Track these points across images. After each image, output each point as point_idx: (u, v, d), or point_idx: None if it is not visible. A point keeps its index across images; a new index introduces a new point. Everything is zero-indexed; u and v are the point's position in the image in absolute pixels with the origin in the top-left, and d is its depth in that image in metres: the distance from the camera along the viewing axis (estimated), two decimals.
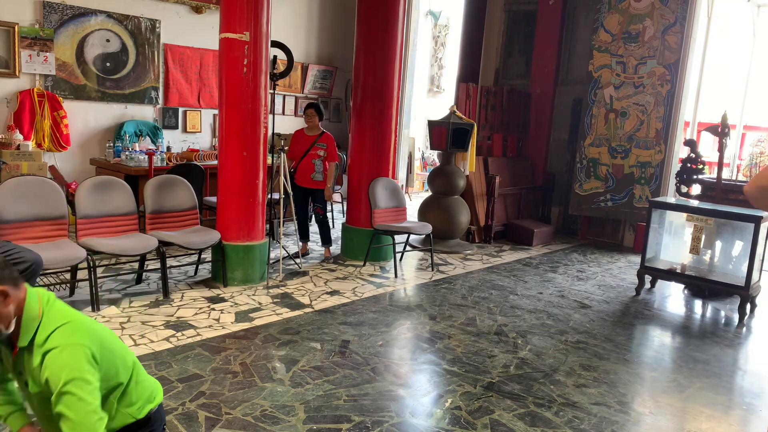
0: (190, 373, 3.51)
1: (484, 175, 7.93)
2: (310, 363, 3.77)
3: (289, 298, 5.00)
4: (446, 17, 13.30)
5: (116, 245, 4.51)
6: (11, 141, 6.15)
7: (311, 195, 6.27)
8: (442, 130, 7.14)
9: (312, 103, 6.38)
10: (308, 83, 9.44)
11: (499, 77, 9.44)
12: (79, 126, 6.98)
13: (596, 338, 4.62)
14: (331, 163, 6.19)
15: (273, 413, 3.13)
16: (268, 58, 5.16)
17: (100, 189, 4.73)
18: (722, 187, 6.08)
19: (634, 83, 7.82)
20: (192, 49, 7.84)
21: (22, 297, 1.62)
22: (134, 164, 6.45)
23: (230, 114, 5.04)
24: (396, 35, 6.21)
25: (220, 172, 5.19)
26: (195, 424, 2.97)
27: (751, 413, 3.60)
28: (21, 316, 1.60)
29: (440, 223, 7.06)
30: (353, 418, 3.13)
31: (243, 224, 5.19)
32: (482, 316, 4.91)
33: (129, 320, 4.25)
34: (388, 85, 6.27)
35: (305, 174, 6.16)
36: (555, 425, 3.23)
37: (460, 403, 3.41)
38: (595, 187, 8.17)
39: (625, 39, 7.84)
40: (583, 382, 3.81)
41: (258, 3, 4.94)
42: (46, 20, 6.57)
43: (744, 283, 5.32)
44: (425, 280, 5.91)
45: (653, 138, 7.76)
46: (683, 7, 7.45)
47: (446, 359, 4.01)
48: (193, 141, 8.06)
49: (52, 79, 6.69)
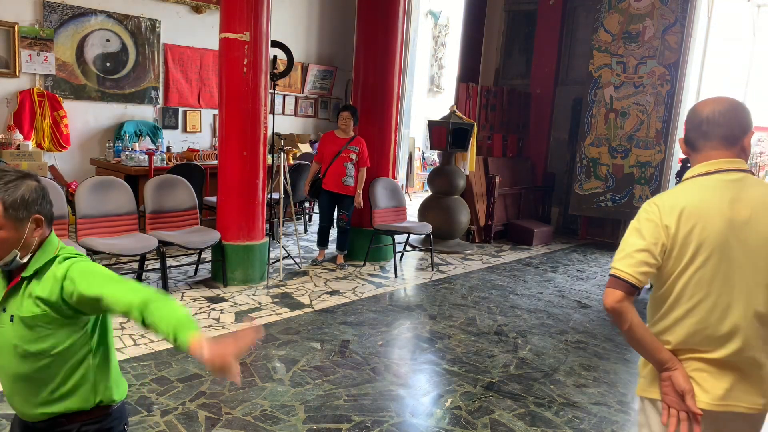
0: (190, 373, 3.51)
1: (484, 175, 7.93)
2: (310, 363, 3.77)
3: (289, 298, 5.00)
4: (446, 17, 13.31)
5: (116, 245, 4.51)
6: (11, 141, 6.15)
7: (339, 201, 6.02)
8: (442, 130, 7.14)
9: (348, 105, 6.21)
10: (308, 83, 9.45)
11: (499, 77, 9.44)
12: (79, 126, 6.98)
13: (596, 338, 4.62)
14: (362, 168, 5.96)
15: (273, 413, 3.13)
16: (268, 58, 5.15)
17: (100, 189, 4.73)
18: None
19: (634, 83, 7.82)
20: (192, 49, 7.84)
21: (47, 235, 1.66)
22: (134, 164, 6.44)
23: (230, 114, 5.03)
24: (396, 35, 6.21)
25: (220, 172, 5.19)
26: (195, 424, 2.97)
27: None
28: (38, 250, 1.64)
29: (440, 223, 7.06)
30: (353, 418, 3.13)
31: (243, 224, 5.19)
32: (482, 316, 4.91)
33: (129, 320, 4.24)
34: (388, 85, 6.27)
35: (336, 178, 5.88)
36: (555, 425, 3.23)
37: (460, 403, 3.41)
38: (595, 187, 8.17)
39: (625, 39, 7.84)
40: (583, 382, 3.81)
41: (258, 3, 4.94)
42: (46, 20, 6.57)
43: None
44: (425, 280, 5.91)
45: (653, 138, 7.76)
46: (683, 7, 7.45)
47: (446, 359, 4.01)
48: (193, 141, 8.06)
49: (52, 79, 6.69)
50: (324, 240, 6.28)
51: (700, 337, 1.74)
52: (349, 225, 6.12)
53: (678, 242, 1.72)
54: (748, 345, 1.71)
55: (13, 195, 1.55)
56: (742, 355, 1.71)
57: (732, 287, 1.71)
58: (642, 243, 1.73)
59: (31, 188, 1.59)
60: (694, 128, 1.82)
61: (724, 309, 1.71)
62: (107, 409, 1.76)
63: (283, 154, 5.66)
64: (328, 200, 6.02)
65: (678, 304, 1.76)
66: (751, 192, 1.74)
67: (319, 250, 6.33)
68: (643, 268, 1.72)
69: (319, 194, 6.06)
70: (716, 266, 1.70)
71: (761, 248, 1.71)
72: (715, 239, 1.70)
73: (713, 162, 1.78)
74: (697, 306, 1.73)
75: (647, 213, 1.77)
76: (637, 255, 1.72)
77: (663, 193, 1.84)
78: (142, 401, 3.15)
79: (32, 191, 1.59)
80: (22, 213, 1.56)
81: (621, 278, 1.73)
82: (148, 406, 3.11)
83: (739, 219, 1.71)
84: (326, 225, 6.18)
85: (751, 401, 1.73)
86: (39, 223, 1.61)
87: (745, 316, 1.71)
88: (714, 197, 1.73)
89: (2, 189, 1.55)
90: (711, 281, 1.71)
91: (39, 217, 1.60)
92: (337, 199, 6.02)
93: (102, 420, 1.75)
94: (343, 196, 5.98)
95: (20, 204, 1.56)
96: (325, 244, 6.31)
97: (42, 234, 1.64)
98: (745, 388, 1.73)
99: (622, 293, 1.73)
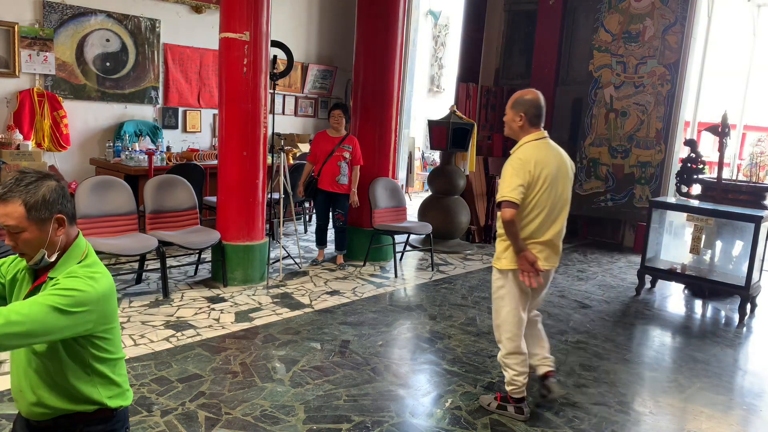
0: (190, 373, 3.51)
1: (484, 175, 7.92)
2: (310, 363, 3.77)
3: (289, 298, 4.99)
4: (446, 17, 13.30)
5: (116, 245, 4.51)
6: (11, 141, 6.14)
7: (334, 200, 6.03)
8: (442, 130, 7.14)
9: (339, 103, 6.20)
10: (308, 83, 9.44)
11: (499, 77, 9.44)
12: (79, 126, 6.97)
13: (596, 338, 4.62)
14: (356, 166, 5.97)
15: (273, 413, 3.12)
16: (268, 58, 5.15)
17: (99, 189, 4.73)
18: (722, 187, 6.08)
19: (635, 83, 7.82)
20: (192, 48, 7.83)
21: (74, 235, 1.69)
22: (134, 164, 6.44)
23: (230, 114, 5.03)
24: (396, 35, 6.21)
25: (220, 172, 5.19)
26: (195, 424, 2.97)
27: (751, 413, 3.59)
28: (65, 251, 1.66)
29: (440, 223, 7.06)
30: (353, 418, 3.13)
31: (243, 224, 5.18)
32: (482, 316, 4.91)
33: (129, 320, 4.24)
34: (388, 85, 6.26)
35: (330, 177, 5.89)
36: (555, 425, 3.23)
37: (460, 403, 3.41)
38: (595, 187, 8.17)
39: (625, 39, 7.84)
40: (583, 382, 3.80)
41: (258, 3, 4.94)
42: (45, 20, 6.56)
43: (744, 283, 5.32)
44: (425, 280, 5.90)
45: (653, 138, 7.76)
46: (683, 7, 7.45)
47: (446, 359, 4.00)
48: (193, 141, 8.05)
49: (51, 78, 6.68)
50: (322, 239, 6.29)
51: (539, 231, 3.11)
52: (345, 224, 6.13)
53: (534, 179, 3.03)
54: (556, 234, 3.16)
55: (35, 196, 1.58)
56: (553, 239, 3.17)
57: (555, 204, 3.12)
58: (520, 180, 3.00)
59: (52, 188, 1.62)
60: (535, 112, 3.17)
61: (549, 215, 3.11)
62: (111, 412, 1.76)
63: (283, 154, 5.66)
64: (324, 199, 6.05)
65: (531, 214, 3.09)
66: (555, 148, 3.19)
67: (318, 250, 6.33)
68: (521, 195, 3.00)
69: (315, 194, 6.07)
70: (549, 192, 3.08)
71: (566, 182, 3.17)
72: (550, 176, 3.07)
73: (540, 132, 3.17)
74: (539, 214, 3.09)
75: (520, 163, 3.04)
76: (519, 188, 3.00)
77: (523, 152, 3.07)
78: (142, 401, 3.15)
79: (53, 191, 1.61)
80: (45, 213, 1.59)
81: (512, 201, 2.99)
82: (148, 406, 3.10)
83: (558, 164, 3.12)
84: (323, 223, 6.22)
85: (555, 261, 3.24)
86: (62, 222, 1.63)
87: (557, 219, 3.16)
88: (547, 152, 3.11)
89: (24, 191, 1.57)
90: (546, 201, 3.08)
91: (61, 216, 1.63)
92: (333, 198, 6.03)
93: (105, 422, 1.75)
94: (338, 195, 5.99)
95: (42, 204, 1.58)
96: (323, 243, 6.31)
97: (67, 233, 1.66)
98: (553, 256, 3.22)
99: (513, 210, 2.99)
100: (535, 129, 3.14)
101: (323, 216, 6.19)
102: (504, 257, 3.13)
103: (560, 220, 3.15)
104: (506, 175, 3.03)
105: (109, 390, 1.73)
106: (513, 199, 2.96)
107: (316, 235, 6.32)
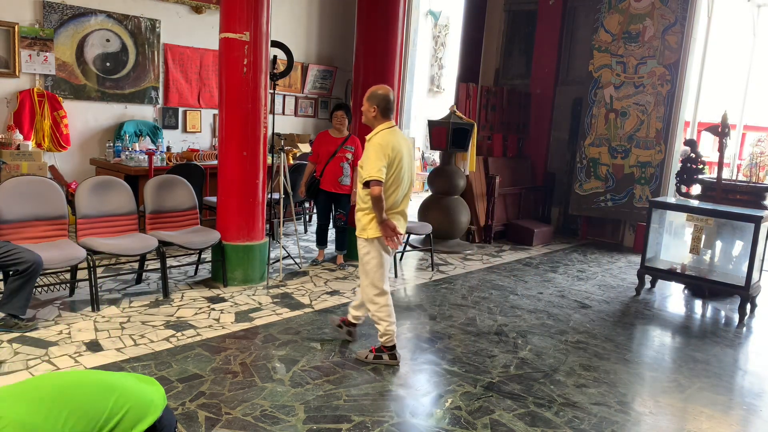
0: (190, 373, 3.51)
1: (484, 175, 7.92)
2: (310, 363, 3.77)
3: (289, 298, 5.00)
4: (446, 17, 13.30)
5: (116, 245, 4.51)
6: (11, 141, 6.15)
7: (335, 200, 6.03)
8: (442, 130, 7.14)
9: (342, 104, 6.21)
10: (308, 83, 9.44)
11: (499, 77, 9.44)
12: (79, 126, 6.98)
13: (596, 338, 4.62)
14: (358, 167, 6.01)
15: (273, 413, 3.12)
16: (268, 58, 5.15)
17: (100, 189, 4.73)
18: (722, 187, 6.08)
19: (634, 83, 7.82)
20: (192, 49, 7.84)
21: None
22: (134, 164, 6.44)
23: (230, 114, 5.03)
24: (396, 35, 6.20)
25: (220, 172, 5.19)
26: (195, 424, 2.97)
27: (751, 413, 3.59)
28: None
29: (440, 223, 7.06)
30: (353, 418, 3.13)
31: (243, 224, 5.19)
32: (482, 316, 4.91)
33: (129, 320, 4.25)
34: (388, 85, 6.24)
35: (333, 178, 5.90)
36: (555, 425, 3.23)
37: (460, 403, 3.41)
38: (595, 187, 8.17)
39: (625, 39, 7.84)
40: (583, 382, 3.81)
41: (258, 3, 4.94)
42: (46, 20, 6.57)
43: (744, 283, 5.32)
44: (425, 280, 5.91)
45: (653, 138, 7.76)
46: (683, 7, 7.45)
47: (446, 359, 4.00)
48: (193, 141, 8.06)
49: (52, 78, 6.69)
50: (323, 239, 6.29)
51: (395, 203, 3.74)
52: (346, 224, 6.12)
53: (391, 160, 3.60)
54: (405, 206, 3.83)
55: None
56: (405, 209, 3.84)
57: (405, 181, 3.76)
58: (382, 162, 3.56)
59: None
60: (387, 105, 3.69)
61: (403, 189, 3.76)
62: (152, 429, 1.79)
63: (283, 154, 5.66)
64: (325, 200, 6.06)
65: (390, 188, 3.68)
66: (403, 135, 3.79)
67: (318, 250, 6.33)
68: (384, 174, 3.57)
69: (316, 194, 6.07)
70: (401, 171, 3.69)
71: (412, 162, 3.84)
72: (402, 158, 3.67)
73: (391, 122, 3.74)
74: (396, 190, 3.72)
75: (380, 147, 3.59)
76: (382, 168, 3.56)
77: (380, 138, 3.63)
78: None
79: None
80: None
81: (378, 180, 3.55)
82: None
83: (408, 147, 3.77)
84: (324, 223, 6.22)
85: (404, 227, 3.87)
86: None
87: (408, 192, 3.83)
88: (399, 139, 3.70)
89: None
90: (400, 178, 3.70)
91: None
92: (334, 199, 6.03)
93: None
94: (340, 196, 5.99)
95: None
96: (324, 243, 6.31)
97: None
98: (404, 223, 3.84)
99: (380, 187, 3.55)
100: (386, 119, 3.72)
101: (324, 216, 6.19)
102: (369, 228, 3.69)
103: (409, 193, 3.88)
104: (370, 158, 3.58)
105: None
106: (379, 178, 3.54)
107: (317, 235, 6.32)
